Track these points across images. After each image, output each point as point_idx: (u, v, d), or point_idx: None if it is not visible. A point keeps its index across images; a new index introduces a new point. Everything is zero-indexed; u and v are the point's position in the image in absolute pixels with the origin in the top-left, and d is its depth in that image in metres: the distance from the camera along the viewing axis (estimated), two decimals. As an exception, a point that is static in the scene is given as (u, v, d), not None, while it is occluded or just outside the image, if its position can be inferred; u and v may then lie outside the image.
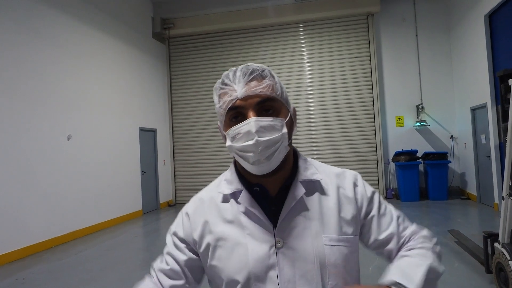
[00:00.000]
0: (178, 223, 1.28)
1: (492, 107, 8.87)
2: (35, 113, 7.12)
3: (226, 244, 1.15)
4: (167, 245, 1.29)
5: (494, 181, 8.87)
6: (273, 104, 1.12)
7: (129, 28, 10.65)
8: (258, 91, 1.10)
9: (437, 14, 11.55)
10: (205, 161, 12.48)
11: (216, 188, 1.27)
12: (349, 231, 1.16)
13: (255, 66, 1.15)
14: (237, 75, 1.13)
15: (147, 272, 1.31)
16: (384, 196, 11.35)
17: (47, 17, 7.59)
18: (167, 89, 12.78)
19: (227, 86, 1.14)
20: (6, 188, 6.44)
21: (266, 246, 1.12)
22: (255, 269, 1.10)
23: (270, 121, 1.08)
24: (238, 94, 1.10)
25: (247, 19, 11.93)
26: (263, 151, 1.06)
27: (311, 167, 1.24)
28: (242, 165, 1.15)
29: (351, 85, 11.62)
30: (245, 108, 1.10)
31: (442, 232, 7.06)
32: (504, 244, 4.01)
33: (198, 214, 1.24)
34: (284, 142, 1.11)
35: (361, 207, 1.22)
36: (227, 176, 1.27)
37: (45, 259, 6.55)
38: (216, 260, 1.16)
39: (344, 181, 1.26)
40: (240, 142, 1.08)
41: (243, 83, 1.11)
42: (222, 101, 1.14)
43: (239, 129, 1.08)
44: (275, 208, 1.15)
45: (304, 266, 1.10)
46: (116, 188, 9.56)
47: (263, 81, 1.12)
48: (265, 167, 1.10)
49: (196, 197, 1.31)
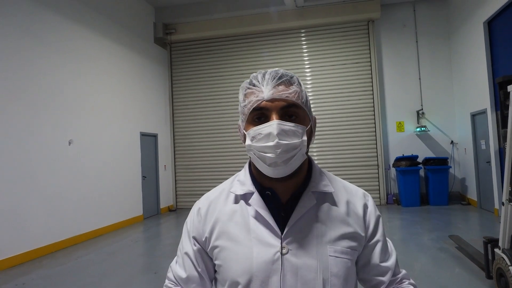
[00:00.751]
0: (191, 221, 1.30)
1: (492, 112, 8.90)
2: (37, 118, 7.14)
3: (232, 245, 1.16)
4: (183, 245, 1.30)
5: (494, 186, 8.89)
6: (297, 110, 1.14)
7: (131, 33, 10.70)
8: (284, 96, 1.12)
9: (437, 21, 11.60)
10: (206, 166, 12.49)
11: (228, 187, 1.29)
12: (353, 246, 1.17)
13: (284, 72, 1.16)
14: (266, 78, 1.14)
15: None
16: (385, 202, 11.36)
17: (49, 23, 7.63)
18: (168, 94, 12.81)
19: (255, 87, 1.15)
20: (7, 192, 6.44)
21: (272, 251, 1.12)
22: (258, 272, 1.11)
23: (292, 127, 1.09)
24: (265, 95, 1.11)
25: (248, 24, 11.99)
26: (281, 154, 1.07)
27: (324, 179, 1.24)
28: (257, 166, 1.16)
29: (352, 90, 11.66)
30: (269, 110, 1.11)
31: (442, 238, 7.07)
32: (505, 249, 4.02)
33: (210, 213, 1.25)
34: (303, 149, 1.12)
35: (368, 227, 1.23)
36: (240, 176, 1.28)
37: (45, 264, 6.54)
38: (221, 260, 1.18)
39: (355, 198, 1.26)
40: (260, 143, 1.09)
41: (271, 86, 1.12)
42: (248, 101, 1.15)
43: (261, 129, 1.09)
44: (284, 215, 1.16)
45: (307, 274, 1.11)
46: (116, 193, 9.56)
47: (291, 87, 1.14)
48: (281, 170, 1.10)
49: (207, 195, 1.33)
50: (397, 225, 8.61)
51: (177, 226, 9.70)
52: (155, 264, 6.41)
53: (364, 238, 1.21)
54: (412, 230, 7.95)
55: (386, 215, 9.81)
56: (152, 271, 6.02)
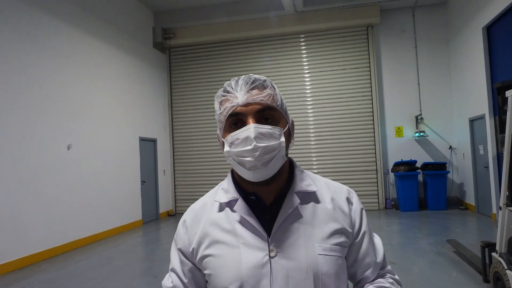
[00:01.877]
0: (177, 234, 1.31)
1: (490, 118, 8.94)
2: (36, 122, 7.17)
3: (220, 253, 1.16)
4: (171, 260, 1.32)
5: (492, 191, 8.91)
6: (273, 113, 1.14)
7: (130, 38, 10.74)
8: (259, 99, 1.12)
9: (436, 26, 11.66)
10: (205, 171, 12.51)
11: (213, 197, 1.28)
12: (341, 242, 1.18)
13: (257, 76, 1.17)
14: (239, 83, 1.15)
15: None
16: (383, 206, 11.38)
17: (49, 28, 7.67)
18: (167, 99, 12.84)
19: (229, 94, 1.16)
20: (7, 196, 6.46)
21: (260, 255, 1.12)
22: (248, 278, 1.11)
23: (269, 129, 1.10)
24: (240, 101, 1.12)
25: (248, 29, 12.03)
26: (260, 156, 1.07)
27: (306, 178, 1.25)
28: (238, 171, 1.17)
29: (351, 95, 11.70)
30: (245, 115, 1.12)
31: (440, 242, 7.09)
32: (502, 253, 4.05)
33: (195, 224, 1.26)
34: (281, 151, 1.12)
35: (354, 223, 1.24)
36: (224, 185, 1.28)
37: (44, 268, 6.55)
38: (210, 269, 1.17)
39: (339, 195, 1.27)
40: (239, 148, 1.09)
41: (244, 91, 1.13)
42: (223, 108, 1.16)
43: (238, 134, 1.10)
44: (269, 218, 1.17)
45: (298, 275, 1.11)
46: (116, 198, 9.57)
47: (264, 90, 1.15)
48: (262, 173, 1.11)
49: (193, 206, 1.34)
50: (396, 229, 8.63)
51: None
52: (155, 269, 6.42)
53: (351, 234, 1.22)
54: (410, 234, 7.97)
55: (384, 219, 9.83)
56: (152, 275, 6.03)
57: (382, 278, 1.30)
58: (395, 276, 1.33)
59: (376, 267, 1.28)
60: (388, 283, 1.26)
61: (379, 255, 1.30)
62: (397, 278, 1.33)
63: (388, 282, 1.27)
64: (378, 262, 1.28)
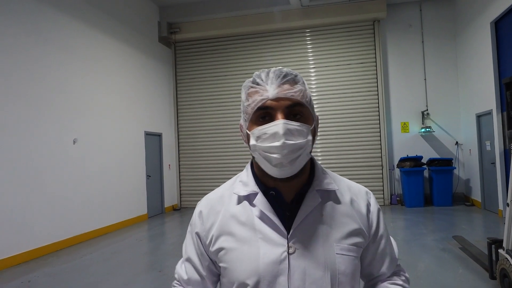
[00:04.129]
0: (193, 224, 1.29)
1: (498, 114, 8.87)
2: (41, 116, 7.18)
3: (237, 247, 1.15)
4: (186, 249, 1.31)
5: (499, 187, 8.86)
6: (302, 109, 1.12)
7: (136, 32, 10.73)
8: (289, 95, 1.10)
9: (443, 21, 11.57)
10: (211, 165, 12.52)
11: (231, 189, 1.27)
12: (358, 243, 1.17)
13: (288, 70, 1.14)
14: (270, 76, 1.12)
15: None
16: (389, 202, 11.36)
17: (54, 21, 7.67)
18: (172, 93, 12.85)
19: (259, 86, 1.13)
20: (12, 191, 6.49)
21: (278, 251, 1.11)
22: (265, 273, 1.10)
23: (298, 126, 1.08)
24: (270, 94, 1.09)
25: (253, 24, 11.99)
26: (287, 154, 1.05)
27: (327, 177, 1.23)
28: (262, 166, 1.14)
29: (356, 90, 11.65)
30: (274, 109, 1.09)
31: (446, 238, 7.06)
32: (509, 250, 4.02)
33: (212, 215, 1.24)
34: (308, 149, 1.11)
35: (372, 225, 1.24)
36: (242, 177, 1.26)
37: (50, 262, 6.58)
38: (226, 262, 1.16)
39: (358, 196, 1.26)
40: (266, 143, 1.07)
41: (276, 85, 1.10)
42: (252, 100, 1.13)
43: (267, 129, 1.07)
44: (289, 214, 1.15)
45: (315, 273, 1.10)
46: (121, 192, 9.60)
47: (295, 86, 1.12)
48: (287, 170, 1.09)
49: (208, 197, 1.31)
50: (401, 225, 8.60)
51: (182, 225, 9.73)
52: (160, 263, 6.43)
53: (368, 235, 1.22)
54: (415, 230, 7.94)
55: (390, 215, 9.80)
56: (157, 269, 6.04)
57: (396, 275, 1.32)
58: (406, 274, 1.35)
59: (393, 265, 1.30)
60: (401, 280, 1.29)
61: (395, 252, 1.33)
62: (407, 276, 1.35)
63: (401, 279, 1.30)
64: (394, 259, 1.31)
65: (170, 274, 5.46)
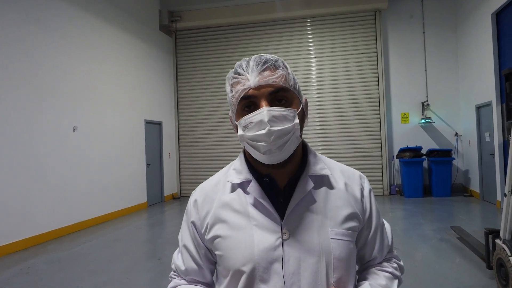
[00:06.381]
0: (188, 212, 1.29)
1: (497, 105, 8.88)
2: (41, 104, 7.18)
3: (232, 234, 1.15)
4: (182, 237, 1.32)
5: (497, 179, 8.90)
6: (286, 94, 1.12)
7: (136, 21, 10.68)
8: (271, 81, 1.09)
9: (444, 12, 11.52)
10: (210, 154, 12.54)
11: (224, 177, 1.27)
12: (353, 227, 1.18)
13: (268, 57, 1.14)
14: (250, 65, 1.12)
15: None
16: (388, 192, 11.40)
17: (54, 8, 7.62)
18: (173, 82, 12.83)
19: (240, 76, 1.13)
20: (13, 178, 6.51)
21: (273, 237, 1.11)
22: (260, 259, 1.10)
23: (283, 111, 1.07)
24: (251, 83, 1.09)
25: (254, 13, 11.94)
26: (275, 140, 1.06)
27: (320, 162, 1.24)
28: (252, 155, 1.15)
29: (357, 81, 11.63)
30: (257, 98, 1.09)
31: (444, 228, 7.11)
32: (505, 240, 4.05)
33: (206, 203, 1.24)
34: (296, 133, 1.10)
35: (366, 209, 1.25)
36: (236, 165, 1.26)
37: (50, 249, 6.62)
38: (221, 250, 1.16)
39: (352, 180, 1.26)
40: (252, 132, 1.08)
41: (256, 73, 1.10)
42: (235, 90, 1.13)
43: (251, 118, 1.08)
44: (283, 200, 1.15)
45: (310, 258, 1.10)
46: (121, 180, 9.63)
47: (277, 71, 1.11)
48: (276, 157, 1.09)
49: (202, 186, 1.32)
50: (400, 215, 8.64)
51: (181, 214, 9.75)
52: (159, 251, 6.48)
53: (362, 219, 1.23)
54: (414, 220, 7.98)
55: (389, 205, 9.85)
56: (156, 257, 6.09)
57: (387, 262, 1.32)
58: (400, 262, 1.35)
59: (384, 249, 1.30)
60: (391, 267, 1.29)
61: (388, 238, 1.34)
62: (402, 264, 1.35)
63: (391, 266, 1.29)
64: (387, 245, 1.31)
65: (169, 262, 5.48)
